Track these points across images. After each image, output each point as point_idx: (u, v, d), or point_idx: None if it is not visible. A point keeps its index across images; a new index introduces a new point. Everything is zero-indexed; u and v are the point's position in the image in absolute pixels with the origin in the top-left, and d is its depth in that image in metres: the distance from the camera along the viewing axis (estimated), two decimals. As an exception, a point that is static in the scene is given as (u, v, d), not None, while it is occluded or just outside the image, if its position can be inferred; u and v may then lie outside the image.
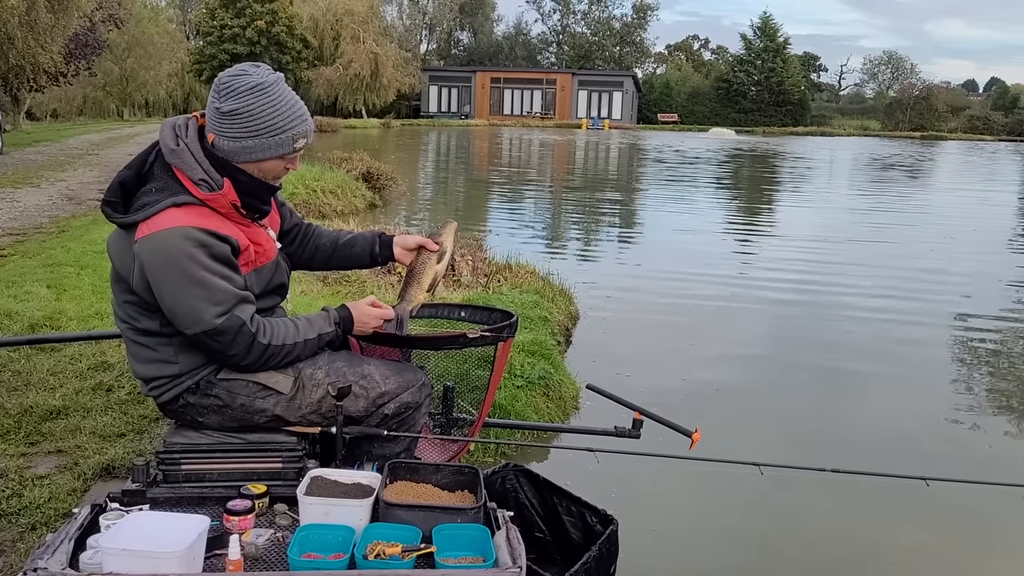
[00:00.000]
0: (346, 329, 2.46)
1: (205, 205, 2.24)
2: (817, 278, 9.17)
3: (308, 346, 2.37)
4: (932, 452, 4.54)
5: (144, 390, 2.42)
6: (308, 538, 1.94)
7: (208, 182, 2.24)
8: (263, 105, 2.25)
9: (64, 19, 24.40)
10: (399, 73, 59.66)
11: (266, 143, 2.27)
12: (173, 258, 2.16)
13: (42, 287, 6.15)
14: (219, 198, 2.25)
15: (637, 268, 9.78)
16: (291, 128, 2.29)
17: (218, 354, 2.27)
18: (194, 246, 2.17)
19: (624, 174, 25.84)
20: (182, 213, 2.19)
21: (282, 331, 2.32)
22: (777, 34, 75.32)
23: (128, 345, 2.40)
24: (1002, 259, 11.15)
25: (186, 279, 2.16)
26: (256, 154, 2.28)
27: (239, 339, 2.23)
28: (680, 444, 2.78)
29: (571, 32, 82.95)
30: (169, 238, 2.16)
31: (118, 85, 44.43)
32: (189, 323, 2.21)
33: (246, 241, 2.32)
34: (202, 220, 2.21)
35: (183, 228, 2.17)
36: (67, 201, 11.60)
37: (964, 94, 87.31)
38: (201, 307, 2.18)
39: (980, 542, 3.66)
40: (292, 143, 2.30)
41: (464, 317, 3.09)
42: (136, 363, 2.39)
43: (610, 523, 2.74)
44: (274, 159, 2.31)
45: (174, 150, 2.25)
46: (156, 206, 2.20)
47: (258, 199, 2.36)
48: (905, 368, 6.07)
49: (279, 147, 2.29)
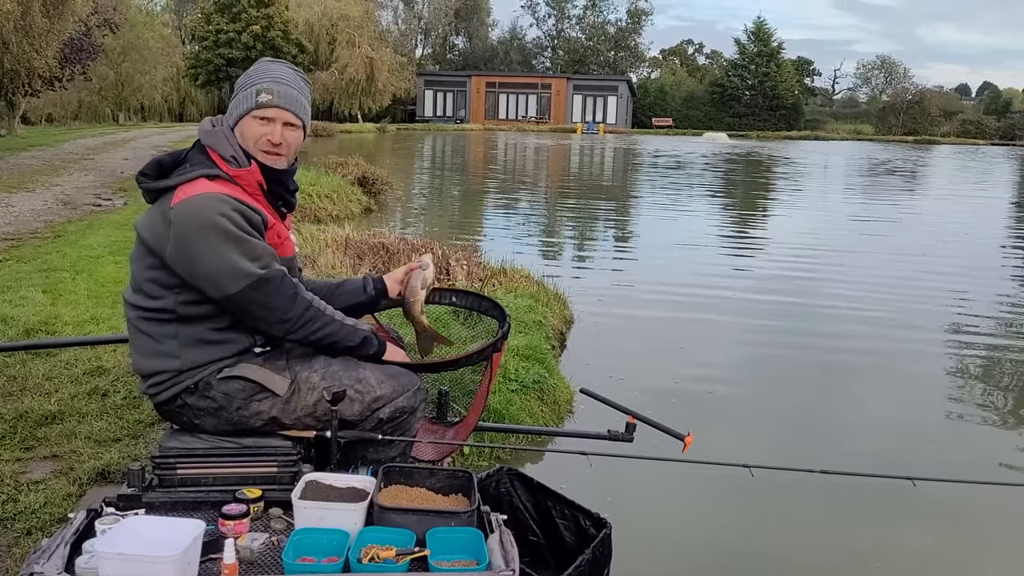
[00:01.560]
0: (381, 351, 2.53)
1: (234, 182, 2.36)
2: (809, 282, 9.20)
3: (344, 331, 2.43)
4: (919, 453, 4.58)
5: (143, 387, 2.43)
6: (303, 542, 1.96)
7: (237, 159, 2.38)
8: (245, 73, 2.49)
9: (59, 24, 24.36)
10: (394, 78, 59.67)
11: (239, 100, 2.43)
12: (210, 218, 2.25)
13: (37, 292, 6.15)
14: (247, 174, 2.38)
15: (631, 273, 9.80)
16: (256, 84, 2.42)
17: (261, 309, 2.30)
18: (230, 208, 2.28)
19: (618, 179, 25.89)
20: (213, 183, 2.32)
21: (320, 302, 2.40)
22: (771, 39, 75.55)
23: (133, 337, 2.43)
24: (993, 263, 11.19)
25: (225, 237, 2.25)
26: (233, 113, 2.43)
27: (284, 288, 2.31)
28: (673, 447, 2.79)
29: (566, 37, 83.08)
30: (205, 200, 2.27)
31: (113, 90, 44.35)
32: (231, 281, 2.26)
33: (272, 220, 2.42)
34: (230, 191, 2.33)
35: (214, 193, 2.29)
36: (62, 206, 11.59)
37: (957, 98, 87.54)
38: (241, 261, 2.26)
39: (967, 540, 3.69)
40: (255, 96, 2.41)
41: (455, 302, 3.13)
42: (139, 356, 2.41)
43: (603, 526, 2.76)
44: (246, 117, 2.41)
45: (210, 131, 2.42)
46: (189, 174, 2.32)
47: (281, 184, 2.47)
48: (895, 371, 6.10)
49: (246, 100, 2.42)
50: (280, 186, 2.47)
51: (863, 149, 49.79)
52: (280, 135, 2.42)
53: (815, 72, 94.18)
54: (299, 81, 2.49)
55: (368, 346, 2.50)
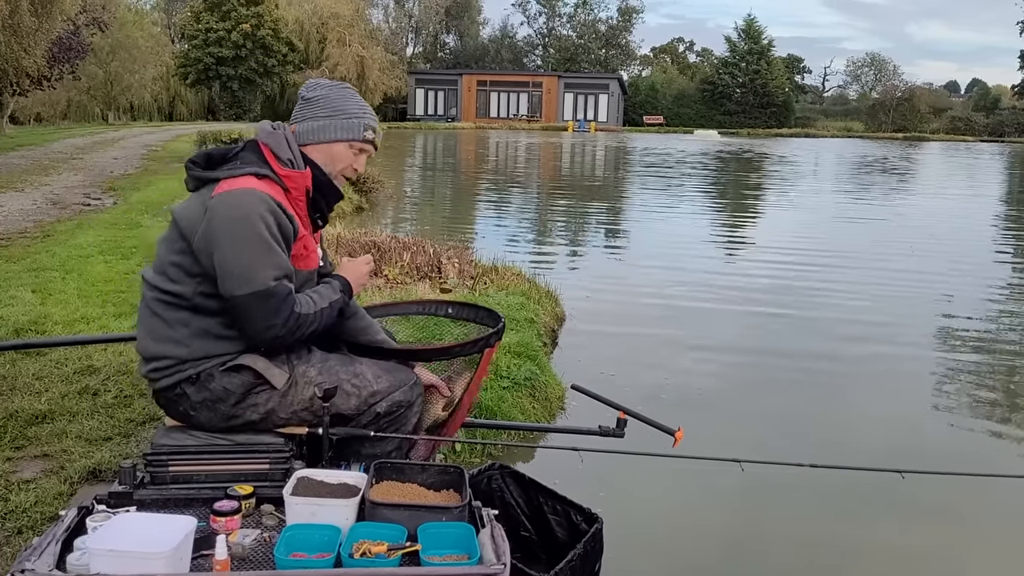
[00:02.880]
0: (348, 294, 2.57)
1: (280, 184, 2.40)
2: (798, 279, 9.22)
3: (325, 316, 2.45)
4: (908, 447, 4.60)
5: (144, 370, 2.44)
6: (295, 538, 1.96)
7: (293, 161, 2.46)
8: (341, 94, 2.56)
9: (47, 23, 24.26)
10: (385, 76, 59.60)
11: (340, 124, 2.51)
12: (246, 214, 2.29)
13: (27, 292, 6.13)
14: (298, 177, 2.44)
15: (622, 270, 9.82)
16: (363, 116, 2.53)
17: (258, 320, 2.31)
18: (267, 210, 2.31)
19: (610, 176, 25.91)
20: (260, 182, 2.36)
21: (303, 302, 2.40)
22: (761, 36, 75.64)
23: (144, 319, 2.44)
24: (982, 258, 11.26)
25: (254, 236, 2.28)
26: (330, 133, 2.50)
27: (284, 306, 2.32)
28: (663, 442, 2.80)
29: (557, 35, 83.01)
30: (246, 196, 2.31)
31: (102, 89, 44.15)
32: (241, 282, 2.27)
33: (302, 231, 2.44)
34: (276, 194, 2.37)
35: (258, 192, 2.33)
36: (51, 205, 11.54)
37: (946, 95, 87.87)
38: (260, 266, 2.27)
39: (955, 531, 3.72)
40: (362, 130, 2.52)
41: (451, 314, 3.12)
42: (146, 338, 2.42)
43: (595, 521, 2.77)
44: (344, 143, 2.51)
45: (270, 132, 2.48)
46: (238, 170, 2.38)
47: (324, 198, 2.52)
48: (884, 367, 6.12)
49: (350, 130, 2.51)
50: (324, 199, 2.52)
51: (854, 146, 49.94)
52: (363, 166, 2.59)
53: (805, 70, 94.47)
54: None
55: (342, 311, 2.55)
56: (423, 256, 7.39)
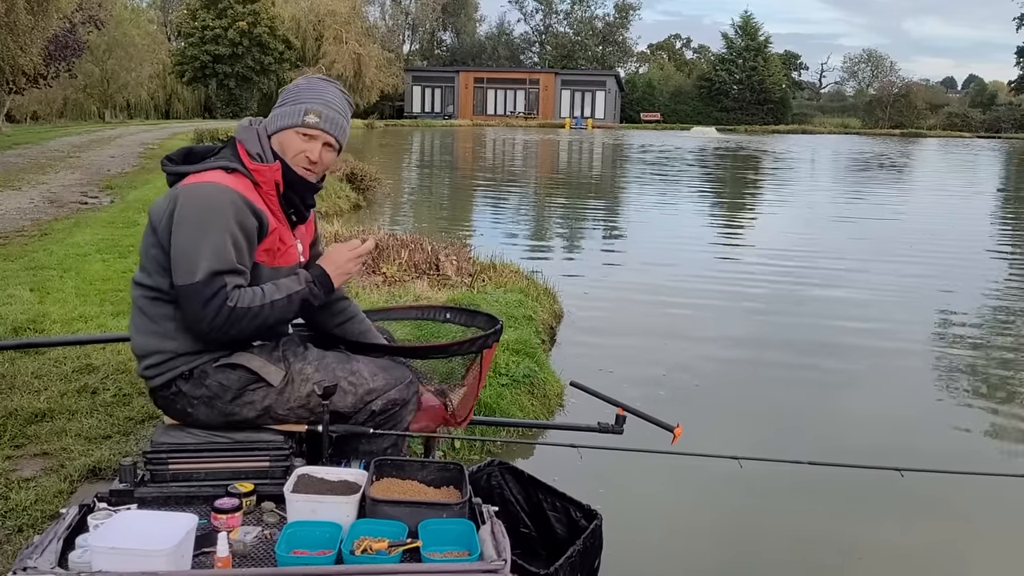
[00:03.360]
0: (325, 285, 2.48)
1: (250, 177, 2.39)
2: (796, 276, 9.25)
3: (277, 308, 2.36)
4: (907, 444, 4.61)
5: (139, 369, 2.44)
6: (296, 535, 1.96)
7: (262, 156, 2.43)
8: (299, 85, 2.54)
9: (44, 21, 24.21)
10: (382, 74, 59.55)
11: (284, 111, 2.47)
12: (203, 206, 2.28)
13: (25, 290, 6.13)
14: (266, 170, 2.41)
15: (620, 267, 9.84)
16: (304, 102, 2.47)
17: (188, 313, 2.30)
18: (225, 204, 2.29)
19: (607, 174, 25.92)
20: (229, 176, 2.35)
21: (249, 295, 2.33)
22: (758, 33, 75.66)
23: (134, 316, 2.45)
24: (980, 255, 11.27)
25: (203, 228, 2.27)
26: (275, 122, 2.48)
27: (214, 300, 2.27)
28: (662, 439, 2.81)
29: (554, 32, 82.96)
30: (209, 188, 2.31)
31: (99, 87, 44.06)
32: (183, 271, 2.27)
33: (275, 225, 2.42)
34: (243, 189, 2.35)
35: (224, 187, 2.32)
36: (49, 204, 11.53)
37: (943, 91, 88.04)
38: (200, 257, 2.25)
39: (954, 530, 3.73)
40: (302, 115, 2.46)
41: (449, 319, 3.12)
42: (137, 335, 2.43)
43: (594, 517, 2.78)
44: (288, 130, 2.46)
45: (245, 128, 2.48)
46: (208, 164, 2.39)
47: (298, 194, 2.49)
48: (883, 363, 6.14)
49: (290, 116, 2.46)
50: (297, 195, 2.48)
51: (851, 143, 49.99)
52: (318, 154, 2.48)
53: (802, 66, 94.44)
54: (346, 107, 2.58)
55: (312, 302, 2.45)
56: (421, 254, 7.39)
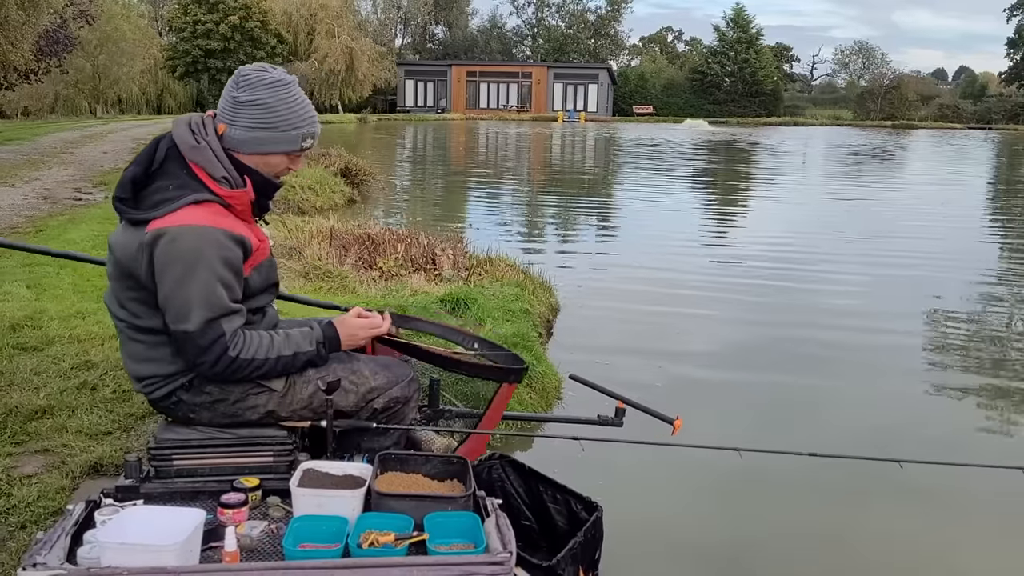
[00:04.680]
0: (332, 348, 2.46)
1: (222, 203, 2.26)
2: (792, 266, 9.28)
3: (281, 363, 2.34)
4: (906, 435, 4.64)
5: (137, 387, 2.43)
6: (302, 529, 1.99)
7: (230, 180, 2.28)
8: (279, 100, 2.31)
9: (35, 16, 24.13)
10: (374, 68, 59.35)
11: (277, 136, 2.33)
12: (184, 254, 2.17)
13: (21, 287, 6.12)
14: (242, 196, 2.30)
15: (615, 259, 9.85)
16: (301, 127, 2.35)
17: (188, 355, 2.26)
18: (209, 246, 2.19)
19: (601, 166, 25.92)
20: (202, 211, 2.22)
21: (255, 344, 2.30)
22: (750, 25, 75.58)
23: (125, 343, 2.40)
24: (972, 246, 11.32)
25: (190, 275, 2.17)
26: (266, 146, 2.33)
27: (213, 348, 2.23)
28: (662, 431, 2.83)
29: (546, 25, 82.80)
30: (186, 234, 2.18)
31: (90, 82, 43.80)
32: (175, 318, 2.21)
33: (256, 241, 2.35)
34: (220, 220, 2.24)
35: (202, 227, 2.19)
36: (43, 200, 11.48)
37: (933, 83, 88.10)
38: (192, 306, 2.19)
39: (953, 521, 3.76)
40: (300, 141, 2.37)
41: (477, 349, 3.09)
42: (131, 361, 2.39)
43: (595, 510, 2.81)
44: (280, 154, 2.36)
45: (195, 147, 2.27)
46: (175, 203, 2.21)
47: (267, 197, 2.42)
48: (881, 354, 6.17)
49: (288, 143, 2.35)
50: (265, 197, 2.42)
51: (843, 134, 50.03)
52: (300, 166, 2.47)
53: (794, 58, 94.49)
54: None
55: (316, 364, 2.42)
56: (417, 248, 7.40)
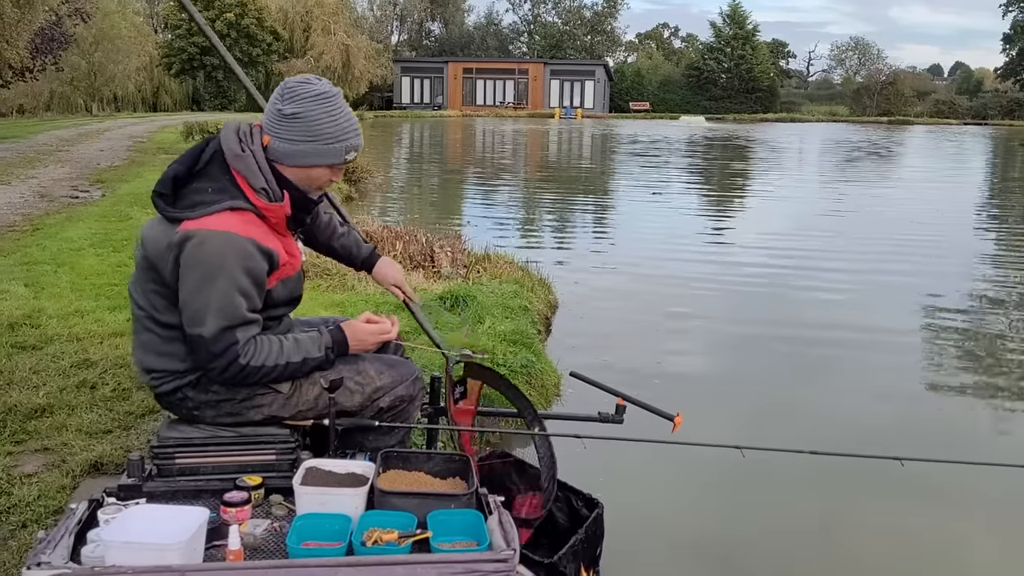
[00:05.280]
0: (340, 352, 2.46)
1: (258, 214, 2.28)
2: (790, 262, 9.30)
3: (289, 369, 2.35)
4: (907, 433, 4.65)
5: (143, 379, 2.44)
6: (306, 527, 1.99)
7: (269, 192, 2.30)
8: (323, 113, 2.31)
9: (30, 13, 24.08)
10: (371, 65, 59.28)
11: (320, 149, 2.33)
12: (208, 258, 2.19)
13: (19, 286, 6.11)
14: (278, 209, 2.32)
15: (613, 256, 9.86)
16: (345, 139, 2.35)
17: (199, 358, 2.28)
18: (234, 254, 2.21)
19: (598, 163, 25.92)
20: (235, 219, 2.23)
21: (265, 351, 2.31)
22: (746, 21, 75.61)
23: (139, 332, 2.41)
24: (968, 241, 11.34)
25: (209, 282, 2.19)
26: (309, 159, 2.34)
27: (225, 355, 2.25)
28: (662, 428, 2.84)
29: (542, 22, 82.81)
30: (216, 239, 2.20)
31: (86, 80, 43.63)
32: (190, 321, 2.24)
33: (285, 256, 2.36)
34: (252, 229, 2.26)
35: (233, 235, 2.21)
36: (40, 198, 11.47)
37: (929, 79, 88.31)
38: (208, 313, 2.21)
39: (953, 519, 3.77)
40: (343, 153, 2.37)
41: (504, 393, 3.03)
42: (142, 352, 2.40)
43: (595, 506, 2.82)
44: (323, 167, 2.37)
45: (239, 155, 2.29)
46: (212, 207, 2.23)
47: (305, 212, 2.43)
48: (881, 352, 6.17)
49: (331, 155, 2.35)
50: (305, 212, 2.44)
51: (839, 131, 50.08)
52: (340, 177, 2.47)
53: (790, 54, 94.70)
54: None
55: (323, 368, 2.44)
56: (416, 245, 7.41)
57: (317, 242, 2.88)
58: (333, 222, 2.88)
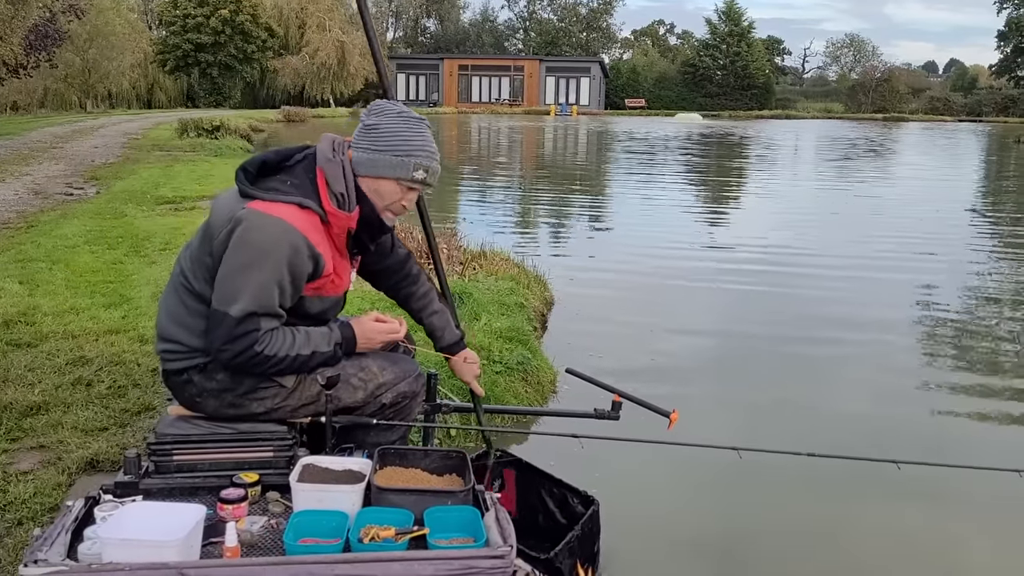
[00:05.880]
0: (348, 350, 2.47)
1: (323, 219, 2.31)
2: (786, 260, 9.30)
3: (298, 361, 2.36)
4: (903, 436, 4.64)
5: (157, 347, 2.46)
6: (303, 523, 1.99)
7: (346, 200, 2.33)
8: (399, 127, 2.38)
9: (23, 10, 24.02)
10: (366, 61, 59.10)
11: (388, 160, 2.36)
12: (260, 241, 2.23)
13: (14, 283, 6.10)
14: (344, 218, 2.34)
15: (609, 252, 9.86)
16: (414, 155, 2.37)
17: (215, 336, 2.29)
18: (285, 247, 2.23)
19: (593, 160, 25.93)
20: (300, 215, 2.27)
21: (279, 342, 2.32)
22: (741, 18, 75.73)
23: (169, 295, 2.44)
24: (966, 239, 11.36)
25: (253, 264, 2.23)
26: (378, 168, 2.36)
27: (243, 340, 2.27)
28: (658, 424, 2.84)
29: (538, 18, 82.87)
30: (272, 225, 2.24)
31: (80, 77, 43.61)
32: (222, 298, 2.26)
33: (331, 269, 2.37)
34: (311, 230, 2.28)
35: (291, 227, 2.24)
36: (34, 196, 11.44)
37: (924, 76, 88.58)
38: (240, 294, 2.24)
39: (949, 522, 3.75)
40: (412, 170, 2.37)
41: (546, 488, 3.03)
42: (166, 317, 2.43)
43: (591, 503, 2.83)
44: (391, 180, 2.38)
45: (330, 159, 2.35)
46: (284, 196, 2.28)
47: (369, 234, 2.43)
48: (878, 353, 6.16)
49: (400, 168, 2.36)
50: (370, 236, 2.45)
51: (835, 128, 50.14)
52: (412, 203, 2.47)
53: (785, 51, 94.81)
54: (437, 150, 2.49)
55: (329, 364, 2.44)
56: (412, 242, 7.39)
57: (409, 308, 2.84)
58: (431, 295, 2.83)
